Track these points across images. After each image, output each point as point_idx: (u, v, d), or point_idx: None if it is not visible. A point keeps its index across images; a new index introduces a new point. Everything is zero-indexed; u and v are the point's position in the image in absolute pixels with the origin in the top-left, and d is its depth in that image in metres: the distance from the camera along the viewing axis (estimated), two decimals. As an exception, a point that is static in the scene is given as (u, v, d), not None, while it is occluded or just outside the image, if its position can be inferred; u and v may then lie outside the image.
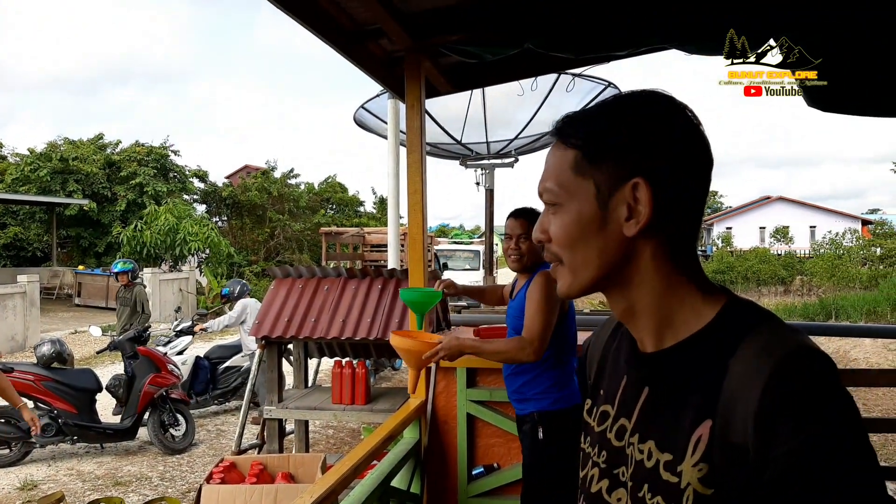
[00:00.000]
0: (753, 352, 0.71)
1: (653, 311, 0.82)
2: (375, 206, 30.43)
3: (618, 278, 0.82)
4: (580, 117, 0.84)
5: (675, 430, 0.75)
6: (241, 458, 3.20)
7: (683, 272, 0.82)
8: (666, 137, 0.79)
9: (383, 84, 3.62)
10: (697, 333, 0.78)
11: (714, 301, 0.80)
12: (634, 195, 0.78)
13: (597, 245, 0.81)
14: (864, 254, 24.65)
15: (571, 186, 0.82)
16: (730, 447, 0.68)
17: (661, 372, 0.81)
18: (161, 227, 18.15)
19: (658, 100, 0.81)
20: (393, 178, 5.09)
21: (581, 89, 5.04)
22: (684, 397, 0.76)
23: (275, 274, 4.20)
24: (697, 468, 0.71)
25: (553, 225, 0.84)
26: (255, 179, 25.42)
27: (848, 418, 0.65)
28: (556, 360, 2.64)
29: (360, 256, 12.74)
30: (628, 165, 0.78)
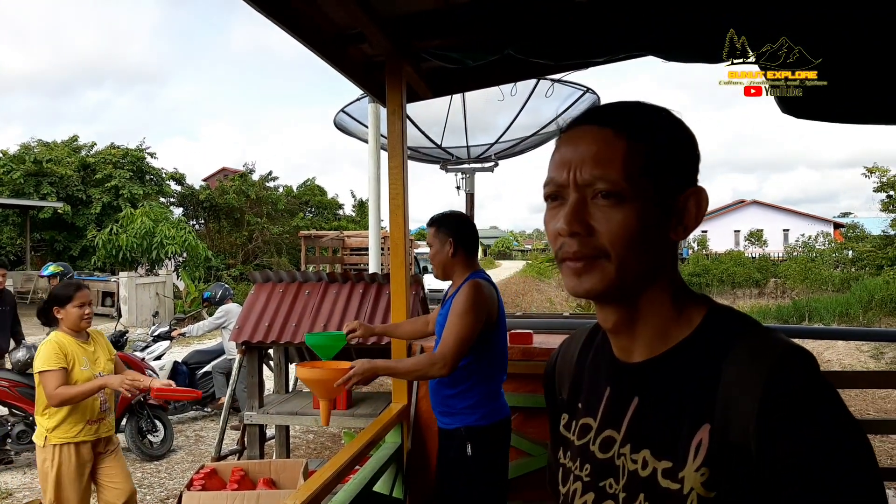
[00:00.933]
0: (747, 354, 0.73)
1: (656, 320, 0.83)
2: (355, 210, 30.33)
3: (643, 283, 0.82)
4: (641, 111, 0.84)
5: (672, 437, 0.76)
6: (221, 465, 3.19)
7: (680, 280, 0.85)
8: (698, 153, 0.85)
9: (364, 88, 3.63)
10: (685, 340, 0.80)
11: (698, 308, 0.83)
12: (688, 203, 0.81)
13: (652, 245, 0.80)
14: (836, 256, 25.07)
15: (640, 182, 0.79)
16: (730, 449, 0.70)
17: (652, 380, 0.82)
18: (137, 230, 17.90)
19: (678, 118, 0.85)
20: (374, 181, 5.09)
21: (560, 94, 5.09)
22: (678, 403, 0.77)
23: (255, 279, 4.18)
24: (700, 472, 0.72)
25: (608, 219, 0.78)
26: (233, 182, 25.21)
27: (840, 409, 0.68)
28: (485, 374, 2.59)
29: (340, 260, 12.69)
30: (688, 172, 0.83)
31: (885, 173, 22.92)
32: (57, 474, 3.20)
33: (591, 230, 0.78)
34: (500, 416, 2.61)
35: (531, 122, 5.54)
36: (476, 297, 2.49)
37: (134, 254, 18.15)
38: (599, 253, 0.78)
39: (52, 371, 3.14)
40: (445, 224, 2.70)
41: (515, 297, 22.68)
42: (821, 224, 37.60)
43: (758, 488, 0.68)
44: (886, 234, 23.25)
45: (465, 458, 2.57)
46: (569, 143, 0.83)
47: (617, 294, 0.81)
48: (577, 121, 0.85)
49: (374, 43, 3.05)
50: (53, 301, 3.32)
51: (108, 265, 19.19)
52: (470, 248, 2.70)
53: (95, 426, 3.29)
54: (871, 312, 16.79)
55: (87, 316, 3.30)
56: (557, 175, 0.82)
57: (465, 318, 2.45)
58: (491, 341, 2.59)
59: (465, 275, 2.64)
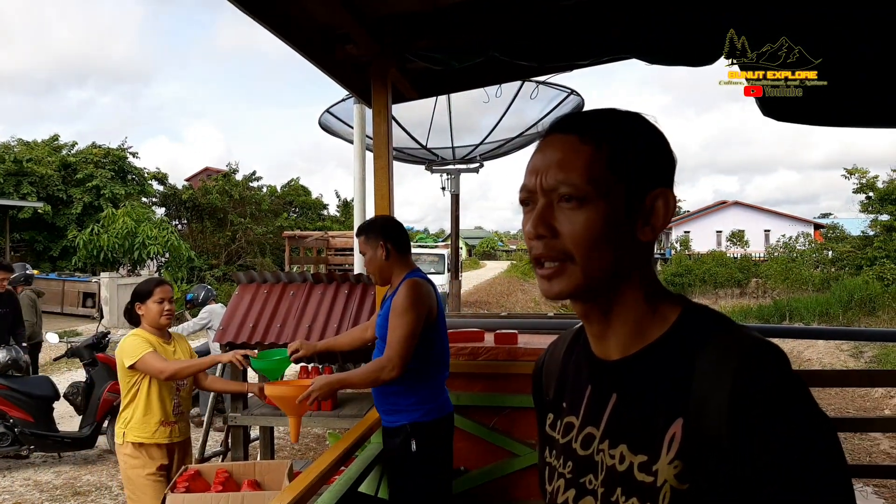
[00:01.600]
0: (719, 350, 0.76)
1: (629, 318, 0.85)
2: (339, 210, 30.25)
3: (612, 283, 0.84)
4: (604, 116, 0.86)
5: (648, 432, 0.78)
6: (206, 466, 3.17)
7: (655, 281, 0.87)
8: (671, 155, 0.87)
9: (350, 89, 3.63)
10: (661, 338, 0.83)
11: (673, 307, 0.85)
12: (655, 204, 0.83)
13: (616, 246, 0.82)
14: (816, 257, 25.36)
15: (603, 184, 0.81)
16: (703, 442, 0.72)
17: (629, 377, 0.84)
18: (119, 230, 17.75)
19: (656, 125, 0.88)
20: (359, 182, 5.09)
21: (545, 97, 5.11)
22: (654, 399, 0.79)
23: (239, 279, 4.16)
24: (673, 465, 0.74)
25: (570, 221, 0.81)
26: (216, 182, 25.06)
27: (813, 408, 0.70)
28: (426, 372, 2.63)
29: (325, 260, 12.64)
30: (657, 175, 0.84)
31: (865, 175, 23.24)
32: (132, 474, 3.18)
33: (557, 233, 0.82)
34: (443, 412, 2.67)
35: (516, 124, 5.56)
36: (414, 294, 2.53)
37: (115, 254, 18.00)
38: (565, 256, 0.81)
39: (148, 353, 3.10)
40: (373, 229, 2.73)
41: (500, 297, 22.74)
42: (801, 225, 38.03)
43: (730, 481, 0.70)
44: (866, 235, 23.57)
45: (410, 455, 2.61)
46: (539, 152, 0.87)
47: (587, 295, 0.84)
48: (549, 130, 0.89)
49: (359, 44, 3.05)
50: (135, 297, 3.30)
51: (90, 266, 19.01)
52: (402, 248, 2.72)
53: (169, 429, 3.23)
54: (851, 312, 17.01)
55: (167, 312, 3.26)
56: (528, 181, 0.86)
57: (405, 317, 2.49)
58: (430, 339, 2.62)
59: (402, 275, 2.67)
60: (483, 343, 3.43)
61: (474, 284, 28.96)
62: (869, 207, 23.50)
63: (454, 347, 3.38)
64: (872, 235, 23.06)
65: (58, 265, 20.88)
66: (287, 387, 2.60)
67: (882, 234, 22.39)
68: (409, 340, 2.48)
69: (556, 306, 16.40)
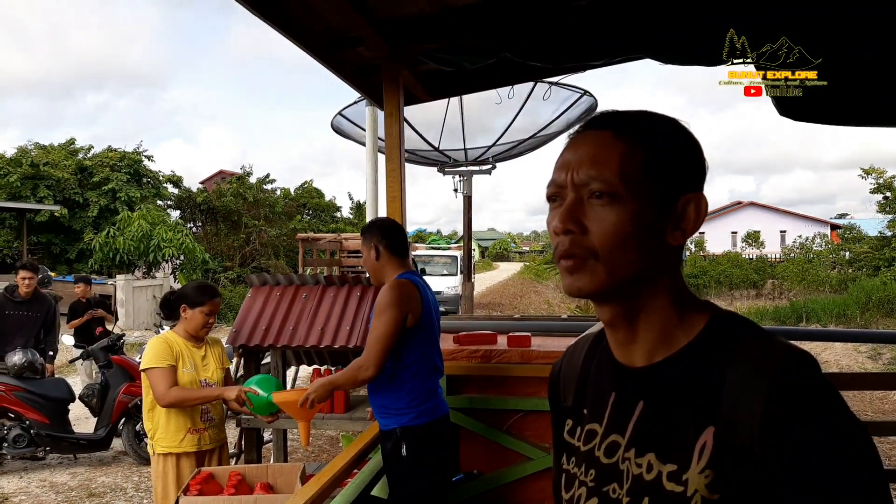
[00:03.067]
0: (750, 359, 0.74)
1: (655, 323, 0.83)
2: (352, 212, 30.33)
3: (638, 286, 0.82)
4: (643, 117, 0.85)
5: (677, 440, 0.77)
6: (218, 469, 3.16)
7: (683, 287, 0.86)
8: (703, 161, 0.86)
9: (361, 91, 3.64)
10: (689, 345, 0.81)
11: (701, 314, 0.83)
12: (686, 208, 0.82)
13: (645, 247, 0.80)
14: (833, 258, 25.08)
15: (637, 184, 0.80)
16: (734, 451, 0.71)
17: (657, 385, 0.82)
18: (134, 233, 17.90)
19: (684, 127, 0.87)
20: (371, 184, 5.09)
21: (557, 97, 5.08)
22: (683, 407, 0.78)
23: (252, 282, 4.17)
24: (704, 475, 0.73)
25: (600, 218, 0.79)
26: (231, 185, 25.20)
27: (848, 415, 0.69)
28: (414, 374, 2.62)
29: (338, 262, 12.67)
30: (691, 179, 0.83)
31: (882, 174, 22.97)
32: (163, 486, 3.13)
33: (585, 229, 0.80)
34: (435, 414, 2.65)
35: (529, 125, 5.53)
36: (391, 295, 2.52)
37: (131, 257, 18.15)
38: (590, 253, 0.80)
39: (160, 368, 3.03)
40: (370, 230, 2.75)
41: (513, 298, 22.69)
42: (818, 225, 37.68)
43: (763, 490, 0.68)
44: (883, 236, 23.29)
45: (401, 459, 2.62)
46: (571, 147, 0.86)
47: (609, 294, 0.82)
48: (582, 126, 0.88)
49: (371, 46, 3.05)
50: (183, 299, 3.23)
51: (105, 268, 19.17)
52: (395, 250, 2.71)
53: (197, 436, 3.18)
54: (869, 314, 16.80)
55: (208, 324, 3.21)
56: (558, 176, 0.84)
57: (381, 317, 2.50)
58: (415, 340, 2.61)
59: (393, 276, 2.67)
60: (496, 346, 3.41)
61: (487, 286, 28.91)
62: (886, 208, 23.22)
63: (467, 350, 3.36)
64: (890, 236, 22.78)
65: (74, 268, 21.10)
66: (291, 392, 2.63)
67: (900, 235, 22.14)
68: (383, 340, 2.48)
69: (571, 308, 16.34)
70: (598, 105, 5.27)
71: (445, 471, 2.74)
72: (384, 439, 2.70)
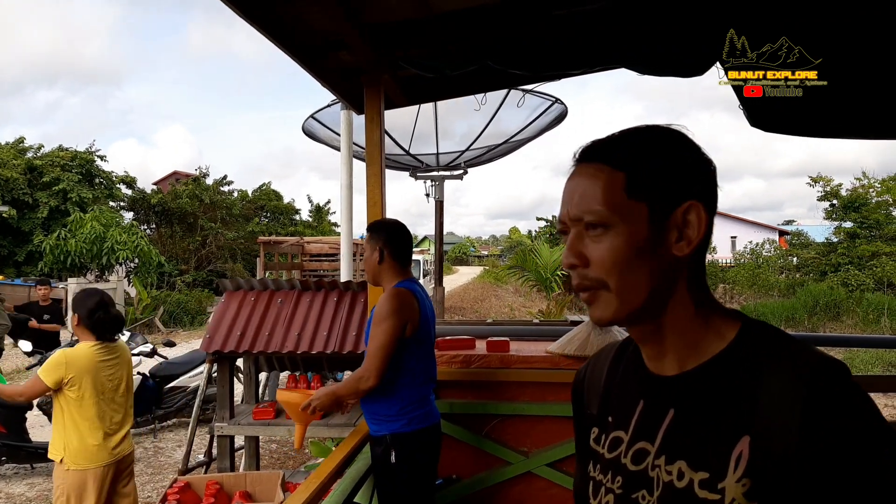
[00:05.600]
0: (787, 368, 0.76)
1: (682, 334, 0.85)
2: (311, 215, 30.00)
3: (656, 304, 0.84)
4: (621, 141, 0.86)
5: (710, 448, 0.78)
6: (195, 478, 3.11)
7: (706, 295, 0.87)
8: (704, 166, 0.86)
9: (339, 95, 3.60)
10: (721, 353, 0.83)
11: (731, 322, 0.85)
12: (686, 217, 0.83)
13: (648, 268, 0.82)
14: (781, 263, 25.82)
15: (623, 208, 0.82)
16: (772, 460, 0.72)
17: (689, 393, 0.83)
18: (87, 235, 17.40)
19: (682, 135, 0.87)
20: (346, 188, 5.05)
21: (530, 104, 5.14)
22: (717, 415, 0.79)
23: (225, 287, 4.10)
24: (741, 483, 0.74)
25: (597, 249, 0.83)
26: (186, 186, 24.69)
27: (883, 423, 0.72)
28: (407, 383, 2.62)
29: (300, 266, 12.53)
30: (681, 189, 0.83)
31: (829, 183, 23.79)
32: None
33: (587, 262, 0.84)
34: (426, 422, 2.65)
35: (500, 131, 5.58)
36: (391, 305, 2.52)
37: (83, 259, 17.64)
38: (599, 284, 0.83)
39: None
40: (377, 230, 2.73)
41: (475, 302, 22.74)
42: (767, 231, 38.72)
43: (799, 498, 0.70)
44: (830, 242, 24.10)
45: (390, 465, 2.63)
46: (567, 182, 0.89)
47: (632, 318, 0.85)
48: (575, 160, 0.90)
49: (355, 51, 3.03)
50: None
51: (56, 271, 18.57)
52: (399, 258, 2.71)
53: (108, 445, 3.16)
54: (816, 317, 17.36)
55: None
56: (561, 212, 0.88)
57: (380, 326, 2.50)
58: (411, 350, 2.61)
59: (392, 283, 2.66)
60: (475, 350, 3.43)
61: (449, 290, 28.92)
62: (833, 215, 24.06)
63: (447, 355, 3.37)
64: (836, 242, 23.59)
65: (23, 271, 20.36)
66: (295, 394, 2.63)
67: (845, 241, 22.93)
68: (384, 350, 2.49)
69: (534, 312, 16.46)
70: (568, 112, 5.34)
71: (434, 478, 2.73)
72: (374, 444, 2.69)
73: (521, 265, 21.35)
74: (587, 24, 2.99)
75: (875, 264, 21.12)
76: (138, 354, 7.21)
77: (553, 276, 19.80)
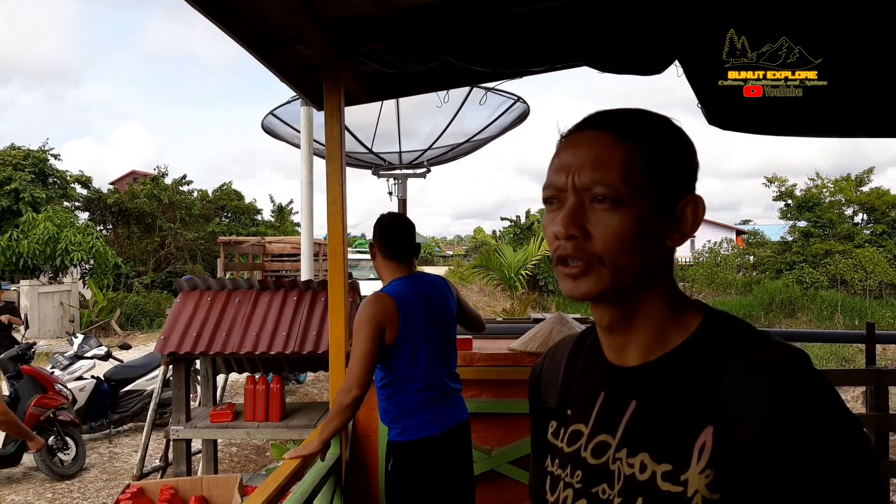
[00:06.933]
0: (750, 358, 0.75)
1: (652, 323, 0.83)
2: (273, 215, 29.62)
3: (638, 288, 0.82)
4: (638, 117, 0.83)
5: (673, 440, 0.76)
6: (149, 483, 3.02)
7: (676, 287, 0.86)
8: (697, 163, 0.86)
9: (298, 91, 3.54)
10: (684, 343, 0.81)
11: (694, 313, 0.84)
12: (685, 210, 0.82)
13: (647, 251, 0.80)
14: (739, 261, 26.38)
15: (640, 186, 0.79)
16: (737, 450, 0.71)
17: (651, 384, 0.82)
18: (40, 235, 16.88)
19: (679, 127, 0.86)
20: (306, 186, 4.97)
21: (492, 103, 5.13)
22: (679, 406, 0.77)
23: (181, 286, 4.00)
24: (704, 475, 0.73)
25: (604, 223, 0.79)
26: (144, 186, 24.16)
27: (847, 411, 0.71)
28: (396, 390, 2.53)
29: (261, 267, 12.36)
30: (688, 181, 0.83)
31: (784, 183, 24.39)
32: None
33: (588, 234, 0.79)
34: (423, 433, 2.50)
35: (462, 130, 5.56)
36: (363, 313, 2.44)
37: (36, 261, 17.13)
38: (594, 258, 0.79)
39: None
40: (374, 227, 2.67)
41: (438, 302, 22.68)
42: (724, 231, 39.44)
43: (766, 488, 0.69)
44: (785, 241, 24.71)
45: (387, 474, 2.57)
46: (568, 148, 0.83)
47: (612, 298, 0.82)
48: (578, 126, 0.86)
49: (314, 45, 2.98)
50: None
51: (8, 273, 17.99)
52: (389, 252, 2.61)
53: None
54: (772, 314, 17.80)
55: None
56: (556, 179, 0.82)
57: (356, 337, 2.43)
58: (397, 358, 2.50)
59: (387, 282, 2.60)
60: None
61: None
62: (788, 214, 24.66)
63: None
64: (791, 241, 24.19)
65: (-29, 272, 19.68)
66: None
67: (800, 240, 23.54)
68: (362, 359, 2.39)
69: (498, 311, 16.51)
70: (530, 111, 5.35)
71: (436, 485, 2.53)
72: None
73: (485, 265, 21.40)
74: (548, 22, 2.99)
75: (828, 262, 21.71)
76: (92, 358, 7.02)
77: (517, 276, 19.90)
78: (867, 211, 23.95)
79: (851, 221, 24.36)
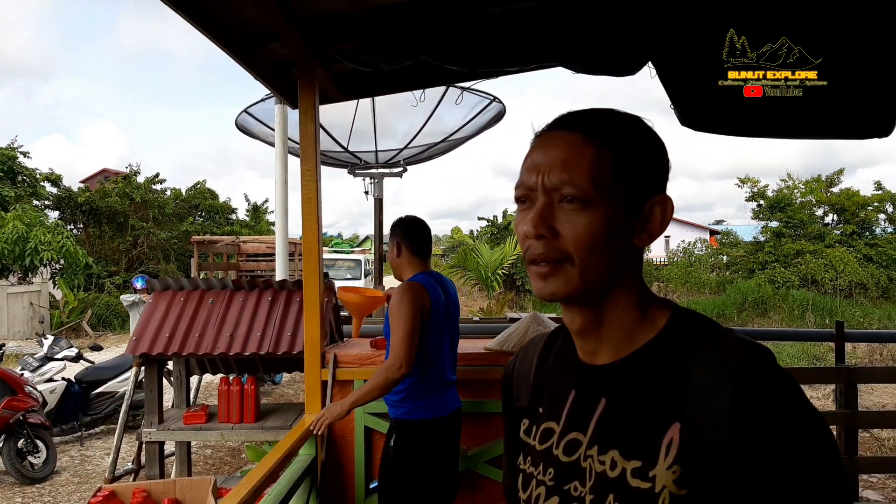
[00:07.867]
0: (714, 354, 0.76)
1: (621, 322, 0.84)
2: (248, 214, 29.36)
3: (608, 288, 0.83)
4: (607, 119, 0.84)
5: (641, 437, 0.77)
6: (121, 486, 2.97)
7: (644, 286, 0.87)
8: (668, 162, 0.86)
9: (273, 89, 3.51)
10: (652, 341, 0.82)
11: (662, 311, 0.85)
12: (653, 210, 0.83)
13: (615, 251, 0.81)
14: (712, 261, 26.70)
15: (608, 188, 0.80)
16: (702, 446, 0.72)
17: (620, 381, 0.82)
18: (8, 235, 16.55)
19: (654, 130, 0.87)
20: (281, 185, 4.93)
21: (468, 103, 5.14)
22: (647, 403, 0.78)
23: (153, 286, 3.95)
24: (671, 470, 0.73)
25: (572, 223, 0.79)
26: (116, 184, 23.78)
27: (810, 407, 0.72)
28: (417, 370, 2.68)
29: (236, 266, 12.25)
30: (657, 181, 0.84)
31: (756, 184, 24.72)
32: None
33: (557, 233, 0.80)
34: (431, 413, 2.70)
35: (439, 129, 5.56)
36: (402, 296, 2.62)
37: (5, 261, 16.78)
38: (563, 257, 0.80)
39: None
40: (396, 226, 2.88)
41: (415, 302, 22.66)
42: (698, 231, 39.90)
43: (731, 484, 0.70)
44: (757, 241, 25.05)
45: (388, 449, 2.71)
46: (539, 148, 0.84)
47: (581, 297, 0.83)
48: (549, 126, 0.86)
49: (287, 43, 2.96)
50: None
51: (-26, 273, 17.61)
52: (417, 250, 2.83)
53: None
54: (745, 313, 18.03)
55: None
56: (527, 178, 0.83)
57: (399, 316, 2.58)
58: (423, 338, 2.67)
59: (410, 276, 2.78)
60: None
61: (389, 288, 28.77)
62: (760, 215, 25.01)
63: (378, 354, 3.33)
64: (763, 241, 24.53)
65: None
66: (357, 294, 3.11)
67: (772, 240, 23.88)
68: (408, 336, 2.56)
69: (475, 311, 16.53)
70: (506, 111, 5.36)
71: (430, 472, 2.71)
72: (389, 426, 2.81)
73: (462, 265, 21.44)
74: (523, 22, 3.00)
75: (800, 262, 22.05)
76: (63, 359, 6.90)
77: (494, 276, 19.95)
78: (837, 212, 24.36)
79: (822, 222, 24.76)
